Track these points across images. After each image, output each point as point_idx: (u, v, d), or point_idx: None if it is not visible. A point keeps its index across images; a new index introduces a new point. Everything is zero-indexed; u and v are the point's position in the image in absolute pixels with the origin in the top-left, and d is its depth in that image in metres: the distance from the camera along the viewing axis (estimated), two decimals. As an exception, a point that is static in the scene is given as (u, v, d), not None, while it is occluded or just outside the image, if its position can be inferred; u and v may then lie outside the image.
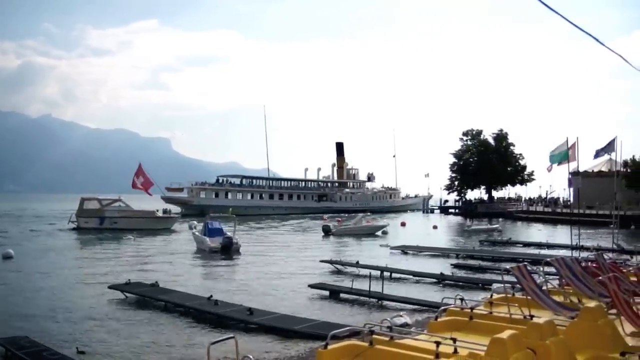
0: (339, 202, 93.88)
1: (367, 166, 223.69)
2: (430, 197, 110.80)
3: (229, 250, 29.34)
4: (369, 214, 60.03)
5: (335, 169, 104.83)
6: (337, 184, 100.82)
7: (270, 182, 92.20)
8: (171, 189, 74.28)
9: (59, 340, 11.85)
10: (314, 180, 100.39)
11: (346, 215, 67.33)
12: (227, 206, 71.82)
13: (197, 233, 34.01)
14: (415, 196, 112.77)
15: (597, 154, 31.15)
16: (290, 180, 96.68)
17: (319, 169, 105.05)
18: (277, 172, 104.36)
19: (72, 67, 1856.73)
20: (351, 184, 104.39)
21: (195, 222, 47.44)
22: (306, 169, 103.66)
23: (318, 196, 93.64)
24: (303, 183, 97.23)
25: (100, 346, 11.70)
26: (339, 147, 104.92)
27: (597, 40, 10.34)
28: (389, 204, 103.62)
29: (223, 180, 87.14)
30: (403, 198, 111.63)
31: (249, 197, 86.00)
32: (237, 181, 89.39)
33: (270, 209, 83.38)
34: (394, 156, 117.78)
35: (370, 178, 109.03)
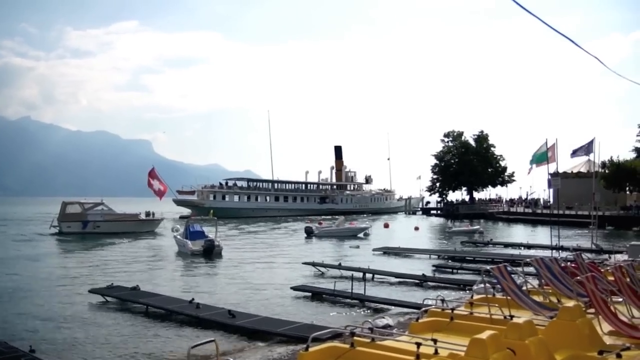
0: (340, 204, 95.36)
1: (363, 169, 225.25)
2: (422, 198, 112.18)
3: (210, 253, 29.16)
4: (367, 215, 61.06)
5: (334, 171, 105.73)
6: (337, 187, 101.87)
7: (276, 185, 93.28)
8: (182, 192, 76.21)
9: (36, 345, 11.62)
10: (315, 183, 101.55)
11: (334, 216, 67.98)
12: (236, 208, 72.95)
13: (178, 236, 33.62)
14: (408, 198, 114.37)
15: (574, 153, 31.47)
16: (294, 183, 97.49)
17: (319, 172, 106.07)
18: (263, 175, 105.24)
19: (51, 68, 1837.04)
20: (350, 186, 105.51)
21: (177, 225, 47.06)
22: (307, 172, 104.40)
23: (320, 198, 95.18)
24: (304, 186, 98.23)
25: (76, 349, 11.58)
26: (338, 150, 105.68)
27: (573, 42, 10.48)
28: (385, 205, 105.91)
29: (232, 184, 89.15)
30: (398, 200, 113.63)
31: (254, 199, 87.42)
32: (244, 184, 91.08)
33: (276, 210, 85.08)
34: (388, 159, 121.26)
35: (369, 180, 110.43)
